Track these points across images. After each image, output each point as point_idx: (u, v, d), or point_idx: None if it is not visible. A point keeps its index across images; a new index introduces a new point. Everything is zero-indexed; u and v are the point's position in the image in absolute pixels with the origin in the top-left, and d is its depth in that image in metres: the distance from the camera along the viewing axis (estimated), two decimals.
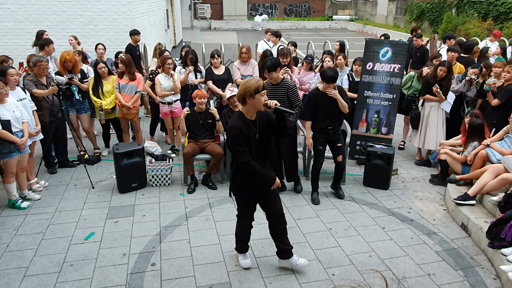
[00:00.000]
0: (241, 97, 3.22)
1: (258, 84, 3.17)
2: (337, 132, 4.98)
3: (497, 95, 5.54)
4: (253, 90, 3.15)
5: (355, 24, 26.11)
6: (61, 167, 6.00)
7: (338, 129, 5.01)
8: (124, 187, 5.28)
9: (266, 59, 4.76)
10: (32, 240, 4.24)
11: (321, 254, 4.04)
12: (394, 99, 5.97)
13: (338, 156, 5.02)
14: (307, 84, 6.36)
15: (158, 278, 3.67)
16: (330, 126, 4.89)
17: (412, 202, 5.13)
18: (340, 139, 5.02)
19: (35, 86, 5.36)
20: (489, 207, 4.55)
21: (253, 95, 3.17)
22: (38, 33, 7.53)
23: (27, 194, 5.07)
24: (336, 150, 5.01)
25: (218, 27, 26.32)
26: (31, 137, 4.99)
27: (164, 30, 15.02)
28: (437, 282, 3.66)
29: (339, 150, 5.00)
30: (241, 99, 3.23)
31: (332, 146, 5.03)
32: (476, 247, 4.19)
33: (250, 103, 3.21)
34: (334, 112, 4.86)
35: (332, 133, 4.94)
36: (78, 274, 3.72)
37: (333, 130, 4.94)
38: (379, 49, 5.88)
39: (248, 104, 3.23)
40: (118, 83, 5.95)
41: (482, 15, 15.61)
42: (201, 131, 5.44)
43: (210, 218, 4.71)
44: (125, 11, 9.66)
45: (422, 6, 19.58)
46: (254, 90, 3.16)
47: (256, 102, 3.20)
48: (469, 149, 5.16)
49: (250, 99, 3.19)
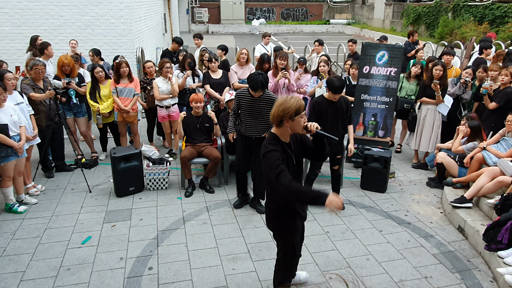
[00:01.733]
0: (279, 119, 2.79)
1: (299, 105, 2.78)
2: (339, 143, 4.84)
3: (494, 98, 5.57)
4: (293, 111, 2.75)
5: (352, 28, 26.22)
6: (58, 171, 5.99)
7: (341, 140, 4.89)
8: (122, 191, 5.27)
9: (254, 77, 4.41)
10: (29, 244, 4.23)
11: (318, 257, 4.04)
12: (390, 102, 6.00)
13: (335, 165, 4.97)
14: (304, 86, 6.38)
15: (155, 282, 3.66)
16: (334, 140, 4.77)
17: (409, 205, 5.14)
18: (342, 151, 4.92)
19: (32, 90, 5.36)
20: (486, 210, 4.56)
21: (293, 118, 2.77)
22: (32, 39, 7.53)
23: (24, 198, 5.05)
24: (334, 160, 4.94)
25: (216, 31, 26.37)
26: (28, 141, 4.99)
27: (161, 34, 15.04)
28: (434, 285, 3.66)
29: (337, 160, 4.94)
30: (278, 120, 2.81)
31: (331, 157, 4.94)
32: (473, 249, 4.20)
33: (288, 125, 2.81)
34: (339, 121, 4.73)
35: (334, 145, 4.74)
36: (75, 278, 3.71)
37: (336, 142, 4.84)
38: (376, 53, 5.91)
39: (284, 127, 2.82)
40: (115, 87, 5.95)
41: (478, 19, 15.71)
42: (198, 135, 5.44)
43: (208, 221, 4.71)
44: (123, 15, 9.67)
45: (419, 10, 19.69)
46: (295, 111, 2.76)
47: (295, 124, 2.81)
48: (469, 145, 5.18)
49: (289, 121, 2.78)
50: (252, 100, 4.55)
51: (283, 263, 3.24)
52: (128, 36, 9.79)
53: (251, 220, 4.74)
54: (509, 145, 4.91)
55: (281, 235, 3.12)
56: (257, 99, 4.53)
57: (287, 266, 3.26)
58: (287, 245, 3.14)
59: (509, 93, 5.50)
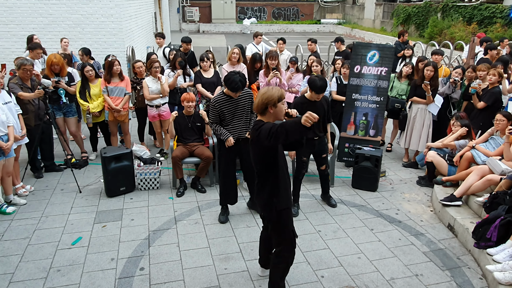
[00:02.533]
0: (263, 106, 3.01)
1: (280, 93, 3.02)
2: (322, 143, 4.86)
3: (482, 97, 5.65)
4: (276, 99, 2.98)
5: (343, 28, 26.34)
6: (48, 171, 5.91)
7: (324, 139, 4.90)
8: (112, 191, 5.23)
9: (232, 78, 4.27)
10: (18, 246, 4.17)
11: (310, 256, 4.05)
12: (381, 101, 6.04)
13: (321, 165, 4.99)
14: (296, 86, 6.39)
15: (147, 283, 3.64)
16: (316, 136, 4.74)
17: (400, 204, 5.18)
18: (325, 150, 4.93)
19: (21, 89, 5.28)
20: (475, 208, 4.62)
21: (276, 105, 3.00)
22: (28, 38, 7.52)
23: (13, 199, 4.98)
24: (320, 160, 4.96)
25: (207, 30, 26.29)
26: (16, 141, 4.91)
27: (152, 33, 14.96)
28: (425, 282, 3.70)
29: (323, 160, 4.95)
30: (262, 108, 3.03)
31: (316, 157, 4.95)
32: (462, 247, 4.25)
33: (272, 112, 3.02)
34: (320, 120, 4.63)
35: (317, 143, 4.81)
36: (65, 280, 3.67)
37: (318, 141, 4.80)
38: (367, 53, 5.94)
39: (269, 114, 3.04)
40: (106, 86, 5.90)
41: (467, 19, 15.90)
42: (190, 134, 5.42)
43: (199, 221, 4.69)
44: (113, 14, 9.60)
45: (408, 10, 19.86)
46: (278, 99, 2.99)
47: (278, 111, 3.03)
48: (461, 142, 5.24)
49: (272, 108, 3.00)
50: (232, 101, 4.39)
51: (284, 254, 3.28)
52: (119, 35, 9.73)
53: (243, 220, 4.74)
54: (498, 144, 4.98)
55: (281, 217, 3.18)
56: (236, 99, 4.39)
57: (287, 258, 3.30)
58: (287, 230, 3.22)
59: (497, 93, 5.57)
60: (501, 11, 14.71)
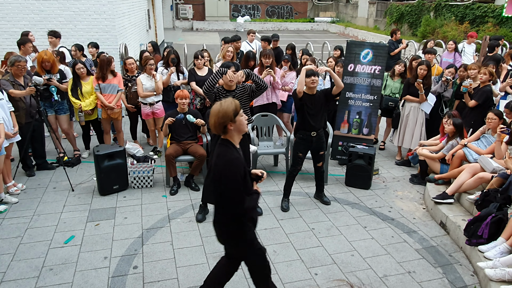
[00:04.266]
0: (222, 126, 2.64)
1: (234, 105, 2.66)
2: (320, 139, 4.85)
3: (473, 96, 5.69)
4: (232, 113, 2.63)
5: (336, 26, 26.40)
6: (40, 170, 5.86)
7: (322, 136, 4.89)
8: (105, 190, 5.20)
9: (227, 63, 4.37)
10: (10, 245, 4.13)
11: (304, 254, 4.07)
12: (375, 100, 6.06)
13: (318, 162, 4.98)
14: (290, 84, 6.39)
15: (140, 281, 3.63)
16: (314, 131, 4.73)
17: (393, 202, 5.21)
18: (323, 147, 4.92)
19: (12, 86, 5.22)
20: (467, 206, 4.67)
21: (234, 119, 2.65)
22: (22, 34, 7.41)
23: (4, 197, 4.93)
24: (317, 157, 4.95)
25: (200, 28, 26.19)
26: (8, 139, 4.86)
27: (145, 31, 14.87)
28: (417, 279, 3.73)
29: (320, 157, 4.95)
30: (222, 128, 2.65)
31: (314, 154, 4.95)
32: (454, 244, 4.30)
33: (232, 129, 2.68)
34: (319, 114, 4.71)
35: (315, 140, 4.79)
36: (58, 279, 3.65)
37: (316, 138, 4.78)
38: (360, 51, 5.96)
39: (230, 132, 2.69)
40: (98, 83, 5.85)
41: (459, 18, 16.03)
42: (183, 132, 5.40)
43: (193, 219, 4.68)
44: (106, 10, 9.51)
45: (402, 9, 19.96)
46: (233, 112, 2.64)
47: (238, 125, 2.69)
48: (448, 147, 5.28)
49: (232, 125, 2.65)
50: (228, 94, 4.36)
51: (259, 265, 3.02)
52: (111, 32, 9.65)
53: None
54: (489, 142, 5.03)
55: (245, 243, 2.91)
56: (232, 91, 4.41)
57: (264, 266, 3.04)
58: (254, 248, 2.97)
59: (488, 91, 5.63)
60: (493, 11, 14.85)
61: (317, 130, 4.75)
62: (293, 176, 4.96)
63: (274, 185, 5.60)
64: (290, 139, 5.71)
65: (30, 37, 7.28)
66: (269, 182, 5.69)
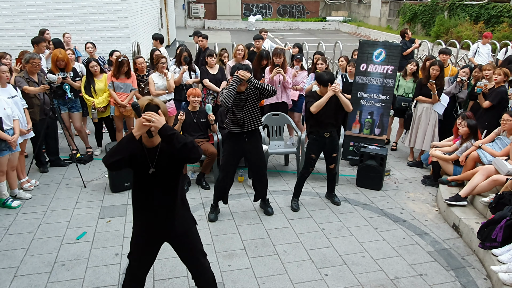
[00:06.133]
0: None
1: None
2: (333, 141, 4.81)
3: (488, 97, 5.61)
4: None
5: (348, 26, 26.24)
6: (53, 166, 5.94)
7: (335, 138, 4.85)
8: (117, 187, 5.24)
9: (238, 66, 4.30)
10: (23, 240, 4.19)
11: (314, 254, 4.05)
12: (387, 100, 6.00)
13: (331, 164, 4.92)
14: (301, 83, 6.37)
15: (151, 278, 3.65)
16: (327, 132, 4.69)
17: (405, 203, 5.16)
18: (336, 149, 4.88)
19: (27, 83, 5.30)
20: (480, 208, 4.60)
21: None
22: (40, 32, 7.55)
23: (18, 193, 5.01)
24: (330, 159, 4.90)
25: (212, 27, 26.27)
26: (22, 135, 4.94)
27: (157, 29, 14.96)
28: (429, 282, 3.68)
29: (333, 159, 4.90)
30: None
31: (327, 156, 4.90)
32: (467, 247, 4.23)
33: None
34: (332, 117, 4.66)
35: (328, 142, 4.74)
36: (70, 274, 3.69)
37: (330, 139, 4.74)
38: (373, 51, 5.91)
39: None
40: (112, 81, 5.90)
41: (474, 18, 15.79)
42: (194, 130, 5.41)
43: (203, 218, 4.69)
44: (119, 9, 9.60)
45: (415, 9, 19.74)
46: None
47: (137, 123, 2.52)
48: (462, 148, 5.21)
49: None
50: (239, 95, 4.33)
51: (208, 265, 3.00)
52: (124, 30, 9.74)
53: (247, 217, 4.74)
54: (504, 144, 4.95)
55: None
56: (244, 93, 4.34)
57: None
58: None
59: (503, 92, 5.53)
60: (508, 11, 14.59)
61: (330, 131, 4.72)
62: (305, 178, 4.93)
63: (285, 184, 5.59)
64: (301, 138, 5.69)
65: (46, 35, 7.40)
66: (280, 181, 5.68)
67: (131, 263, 2.95)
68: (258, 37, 7.54)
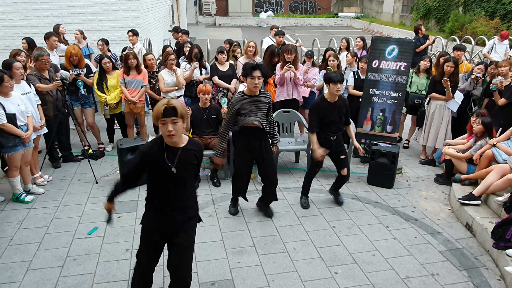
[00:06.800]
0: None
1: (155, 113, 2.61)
2: (340, 143, 4.69)
3: (503, 94, 5.49)
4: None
5: (361, 22, 25.97)
6: (65, 162, 6.01)
7: (341, 140, 4.73)
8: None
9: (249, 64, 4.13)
10: (36, 234, 4.25)
11: (324, 252, 4.02)
12: (399, 97, 5.93)
13: (342, 169, 4.76)
14: (312, 80, 6.32)
15: (160, 274, 3.67)
16: (334, 135, 4.59)
17: (417, 201, 5.10)
18: (343, 151, 4.75)
19: (38, 80, 5.36)
20: (494, 208, 4.51)
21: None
22: (54, 27, 7.64)
23: (31, 188, 5.08)
24: (339, 162, 4.75)
25: (223, 23, 26.26)
26: (35, 131, 5.00)
27: (169, 26, 15.00)
28: (441, 282, 3.63)
29: (342, 162, 4.74)
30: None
31: (335, 158, 4.76)
32: (480, 247, 4.16)
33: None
34: (339, 122, 4.57)
35: (334, 144, 4.64)
36: (81, 269, 3.73)
37: (336, 142, 4.63)
38: (385, 47, 5.83)
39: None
40: (123, 77, 5.94)
41: (489, 13, 15.47)
42: (205, 126, 5.42)
43: (213, 214, 4.70)
44: (130, 6, 9.66)
45: (429, 4, 19.44)
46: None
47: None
48: (476, 146, 5.12)
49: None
50: (251, 100, 4.23)
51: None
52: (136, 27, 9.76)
53: (257, 214, 4.73)
54: None
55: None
56: (256, 97, 4.25)
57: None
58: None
59: None
60: None
61: (337, 134, 4.63)
62: (312, 178, 4.87)
63: (295, 181, 5.57)
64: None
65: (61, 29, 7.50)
66: (290, 178, 5.66)
67: (139, 260, 3.05)
68: (280, 32, 7.50)
